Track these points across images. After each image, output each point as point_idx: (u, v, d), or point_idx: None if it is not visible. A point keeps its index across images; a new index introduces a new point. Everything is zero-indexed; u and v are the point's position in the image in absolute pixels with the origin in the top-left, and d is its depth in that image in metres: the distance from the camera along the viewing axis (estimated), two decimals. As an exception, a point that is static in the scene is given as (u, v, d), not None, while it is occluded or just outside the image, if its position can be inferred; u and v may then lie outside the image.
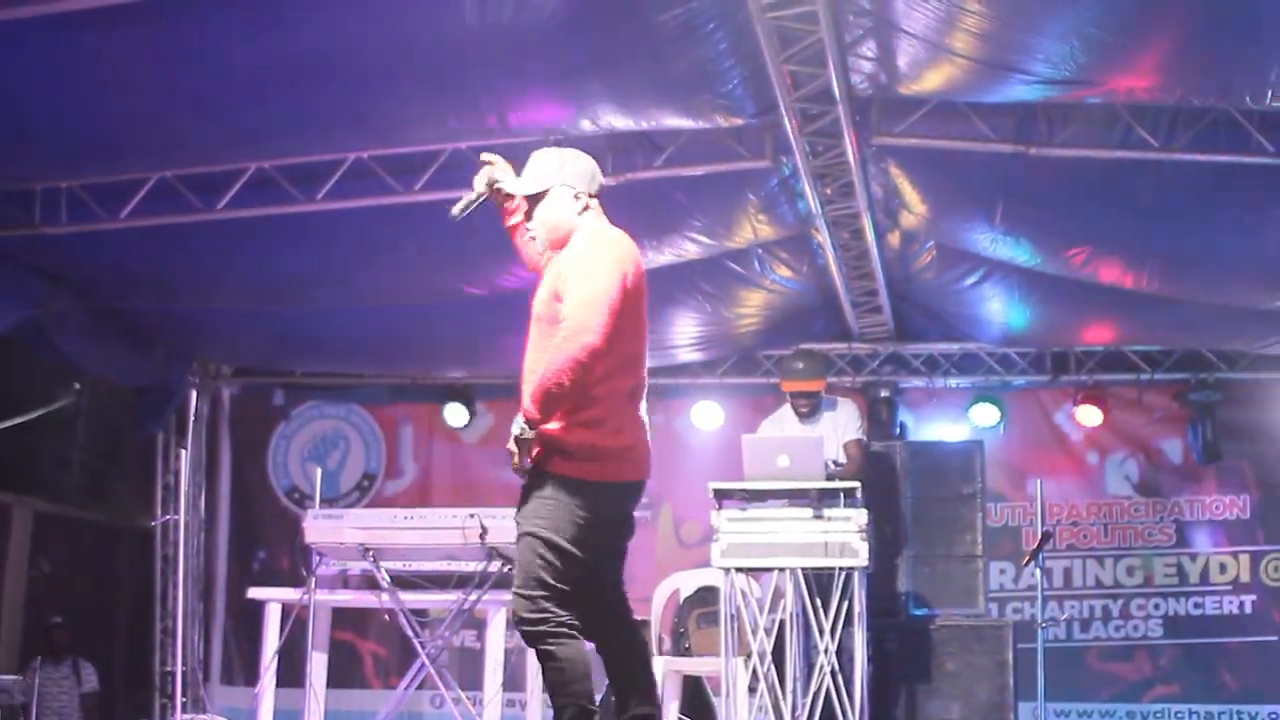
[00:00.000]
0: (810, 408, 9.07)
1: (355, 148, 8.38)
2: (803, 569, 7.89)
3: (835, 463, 8.81)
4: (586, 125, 7.88)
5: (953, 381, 12.15)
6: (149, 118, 7.62)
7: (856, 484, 7.93)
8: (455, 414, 12.38)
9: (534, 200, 4.88)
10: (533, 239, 4.96)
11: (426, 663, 8.28)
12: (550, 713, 4.91)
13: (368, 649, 12.38)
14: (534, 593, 4.65)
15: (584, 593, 4.76)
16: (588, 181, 4.95)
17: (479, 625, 9.87)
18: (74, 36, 6.72)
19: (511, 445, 4.69)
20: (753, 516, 8.00)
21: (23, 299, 9.55)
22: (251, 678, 10.47)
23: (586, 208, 4.90)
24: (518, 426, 4.68)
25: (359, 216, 8.75)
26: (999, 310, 10.96)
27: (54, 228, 8.83)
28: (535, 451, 4.68)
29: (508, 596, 7.11)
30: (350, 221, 8.81)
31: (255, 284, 10.00)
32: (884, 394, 12.06)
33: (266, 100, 7.49)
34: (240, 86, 7.28)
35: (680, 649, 8.93)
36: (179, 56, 6.98)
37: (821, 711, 7.90)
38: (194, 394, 12.28)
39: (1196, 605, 11.67)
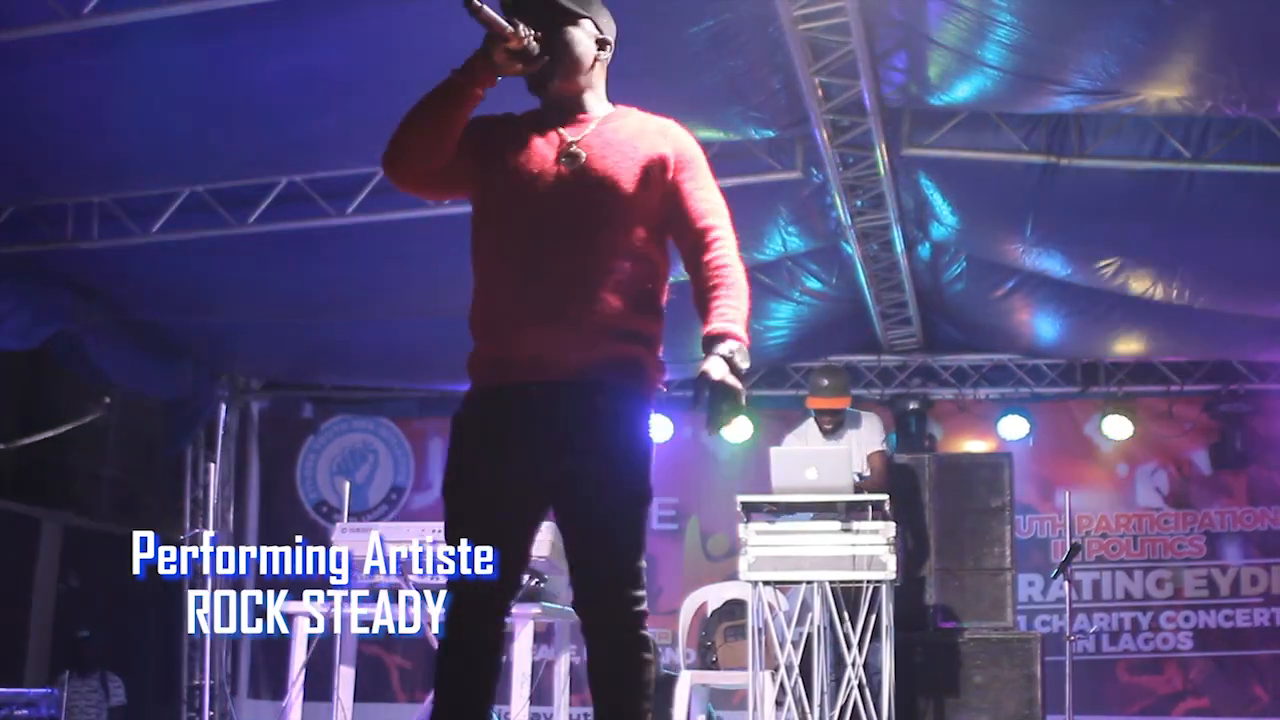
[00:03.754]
0: (834, 424, 9.04)
1: (386, 161, 8.39)
2: (830, 582, 7.86)
3: (860, 475, 8.78)
4: (616, 137, 7.86)
5: (982, 393, 12.15)
6: (181, 132, 7.64)
7: (885, 497, 7.91)
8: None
9: (565, 20, 3.70)
10: (527, 66, 3.65)
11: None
12: None
13: (394, 663, 12.38)
14: (643, 581, 3.59)
15: None
16: (611, 34, 3.87)
17: (506, 638, 9.82)
18: (103, 53, 6.75)
19: (728, 376, 3.44)
20: (780, 529, 7.97)
21: (54, 313, 9.58)
22: (279, 692, 10.47)
23: (600, 61, 3.84)
24: (736, 354, 3.48)
25: (389, 230, 8.75)
26: (1029, 322, 10.93)
27: (86, 242, 8.88)
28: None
29: (535, 610, 7.07)
30: (380, 235, 8.81)
31: (285, 298, 10.01)
32: (913, 406, 12.04)
33: (298, 115, 7.50)
34: (272, 101, 7.30)
35: (707, 662, 8.90)
36: (210, 71, 7.01)
37: (849, 724, 7.88)
38: (223, 407, 12.36)
39: (1227, 617, 11.63)
